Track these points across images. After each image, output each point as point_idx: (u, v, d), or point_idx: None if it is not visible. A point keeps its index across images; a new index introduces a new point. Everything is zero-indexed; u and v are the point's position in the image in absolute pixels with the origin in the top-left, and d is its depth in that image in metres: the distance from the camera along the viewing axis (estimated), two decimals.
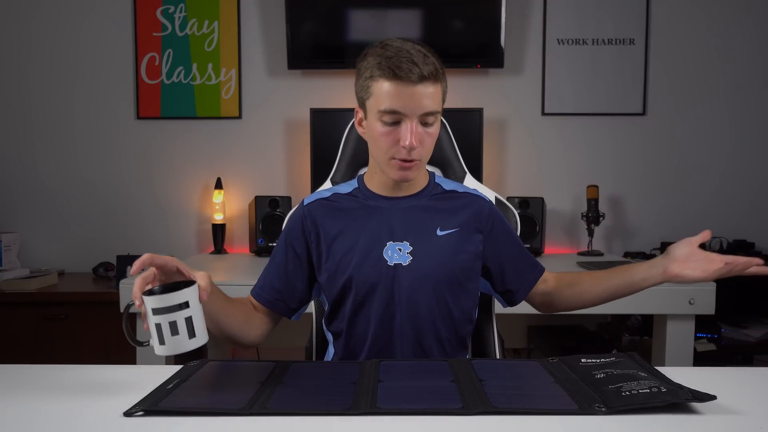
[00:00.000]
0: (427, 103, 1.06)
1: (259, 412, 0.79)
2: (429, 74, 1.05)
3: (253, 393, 0.86)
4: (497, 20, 2.66)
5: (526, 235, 2.50)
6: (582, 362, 0.97)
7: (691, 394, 0.81)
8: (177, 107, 2.79)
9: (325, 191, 1.24)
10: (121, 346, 2.26)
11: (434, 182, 1.22)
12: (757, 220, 2.83)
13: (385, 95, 1.06)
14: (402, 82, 1.04)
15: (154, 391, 0.87)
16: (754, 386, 0.95)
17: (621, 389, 0.83)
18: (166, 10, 2.76)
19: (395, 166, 1.10)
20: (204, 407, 0.81)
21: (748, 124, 2.83)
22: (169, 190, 2.82)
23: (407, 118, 1.06)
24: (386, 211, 1.17)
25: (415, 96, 1.05)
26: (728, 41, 2.80)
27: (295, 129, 2.80)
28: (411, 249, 1.14)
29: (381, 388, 0.88)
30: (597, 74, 2.80)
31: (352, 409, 0.80)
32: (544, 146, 2.83)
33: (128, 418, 0.79)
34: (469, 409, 0.79)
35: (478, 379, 0.91)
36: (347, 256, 1.14)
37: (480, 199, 1.22)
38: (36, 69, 2.78)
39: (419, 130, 1.07)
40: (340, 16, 2.69)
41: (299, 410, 0.80)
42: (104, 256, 2.72)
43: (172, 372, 0.98)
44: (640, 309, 1.97)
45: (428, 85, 1.06)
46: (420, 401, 0.83)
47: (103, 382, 0.95)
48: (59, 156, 2.81)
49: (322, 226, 1.17)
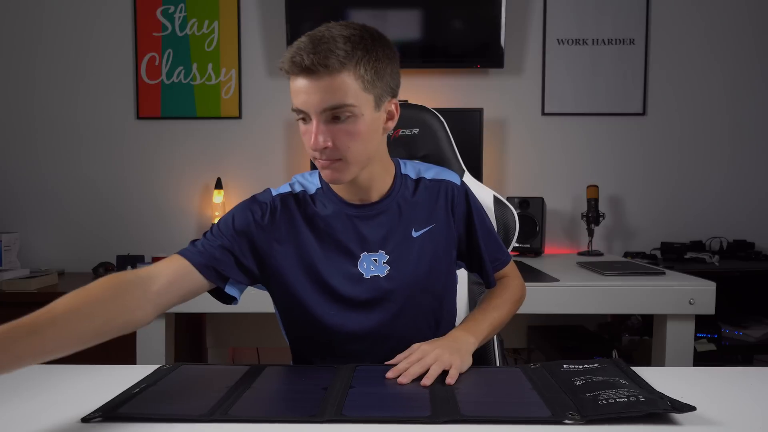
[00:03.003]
0: (325, 97, 0.92)
1: (219, 418, 0.77)
2: (314, 65, 0.91)
3: (218, 399, 0.83)
4: (497, 20, 2.66)
5: (526, 235, 2.50)
6: (564, 368, 0.94)
7: (671, 404, 0.78)
8: (177, 107, 2.78)
9: (295, 183, 1.14)
10: (121, 345, 2.25)
11: (400, 175, 1.11)
12: (757, 220, 2.83)
13: (293, 92, 0.96)
14: (295, 75, 0.94)
15: (118, 396, 0.85)
16: (753, 386, 0.95)
17: (598, 397, 0.80)
18: (166, 10, 2.76)
19: (320, 166, 1.00)
20: (164, 414, 0.79)
21: (748, 124, 2.83)
22: (169, 190, 2.82)
23: (311, 116, 0.95)
24: (356, 220, 1.07)
25: (308, 90, 0.93)
26: (728, 41, 2.80)
27: (295, 129, 2.76)
28: (387, 258, 1.06)
29: (351, 395, 0.85)
30: (597, 74, 2.80)
31: (316, 416, 0.77)
32: (544, 146, 2.83)
33: (85, 424, 0.77)
34: (438, 417, 0.77)
35: (453, 387, 0.89)
36: (319, 267, 1.05)
37: (449, 183, 1.13)
38: (36, 69, 2.78)
39: (324, 128, 0.95)
40: (340, 16, 2.69)
41: (261, 417, 0.78)
42: (104, 256, 2.71)
43: (145, 375, 0.96)
44: (640, 309, 1.97)
45: (323, 77, 0.92)
46: (388, 409, 0.81)
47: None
48: (59, 156, 2.80)
49: (284, 228, 1.07)
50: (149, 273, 0.96)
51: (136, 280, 0.93)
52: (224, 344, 2.66)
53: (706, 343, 2.41)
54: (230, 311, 1.91)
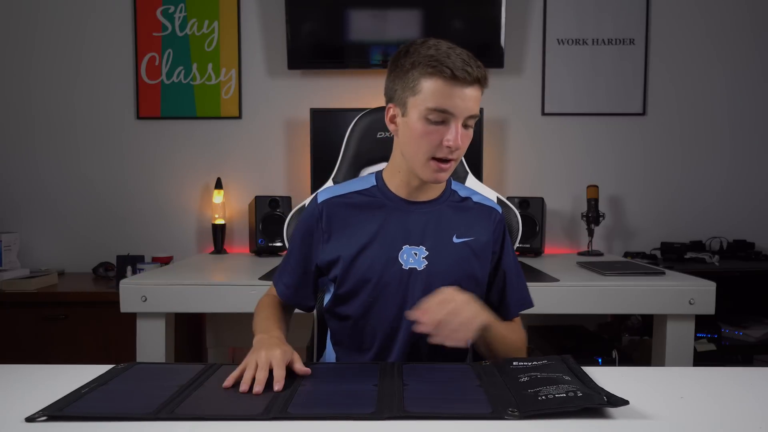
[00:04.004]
0: (473, 106, 1.07)
1: (165, 417, 0.78)
2: (481, 78, 1.06)
3: (167, 397, 0.84)
4: (497, 20, 2.66)
5: (526, 235, 2.50)
6: (513, 365, 0.97)
7: (606, 398, 0.81)
8: (177, 107, 2.78)
9: (338, 188, 1.21)
10: (121, 345, 2.26)
11: (451, 188, 1.22)
12: (757, 220, 2.83)
13: (437, 94, 1.05)
14: (457, 82, 1.04)
15: (67, 396, 0.85)
16: (753, 386, 0.95)
17: (539, 393, 0.83)
18: (166, 10, 2.76)
19: (432, 166, 1.09)
20: (110, 412, 0.79)
21: (748, 124, 2.83)
22: (169, 190, 2.82)
23: (454, 119, 1.06)
24: (404, 213, 1.16)
25: (466, 97, 1.05)
26: (728, 41, 2.80)
27: (295, 129, 2.80)
28: (427, 254, 1.13)
29: (299, 393, 0.87)
30: (597, 74, 2.80)
31: (262, 414, 0.79)
32: (544, 146, 2.83)
33: (30, 424, 0.76)
34: (381, 413, 0.79)
35: (402, 383, 0.91)
36: (362, 255, 1.13)
37: (494, 211, 1.22)
38: (36, 69, 2.78)
39: (462, 132, 1.07)
40: (340, 16, 2.69)
41: (207, 415, 0.79)
42: (104, 256, 2.71)
43: (99, 374, 0.96)
44: (640, 309, 1.97)
45: (477, 89, 1.07)
46: (333, 406, 0.83)
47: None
48: (59, 156, 2.80)
49: (336, 224, 1.16)
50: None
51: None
52: (224, 344, 2.66)
53: (706, 343, 2.41)
54: (230, 311, 1.92)
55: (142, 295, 1.86)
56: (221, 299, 1.90)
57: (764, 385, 0.95)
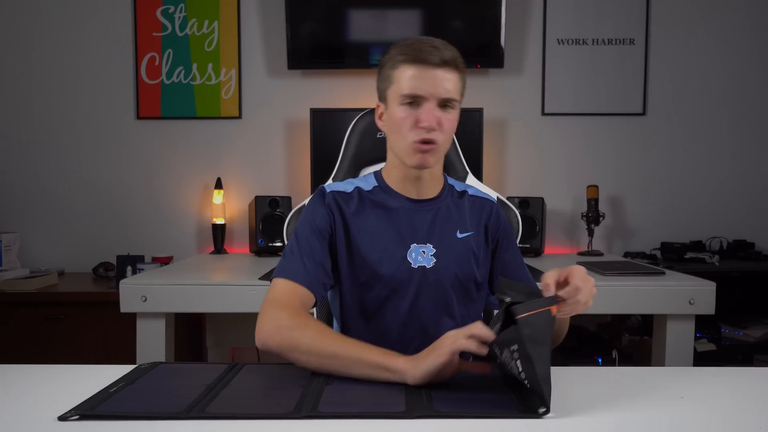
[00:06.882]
0: (447, 87, 1.09)
1: (197, 416, 0.78)
2: (450, 59, 1.08)
3: (196, 397, 0.84)
4: (497, 20, 2.66)
5: (526, 235, 2.50)
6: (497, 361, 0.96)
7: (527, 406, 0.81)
8: (177, 107, 2.78)
9: (344, 184, 1.20)
10: (121, 345, 2.26)
11: (449, 184, 1.24)
12: (756, 220, 2.83)
13: (407, 79, 1.08)
14: (423, 65, 1.07)
15: (96, 395, 0.86)
16: (754, 386, 0.95)
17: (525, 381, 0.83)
18: (166, 10, 2.76)
19: (416, 149, 1.10)
20: (142, 411, 0.80)
21: (748, 124, 2.83)
22: (169, 190, 2.82)
23: (427, 101, 1.08)
24: (409, 213, 1.17)
25: (436, 79, 1.08)
26: (728, 41, 2.80)
27: (295, 129, 2.80)
28: (434, 251, 1.15)
29: (327, 391, 0.87)
30: (597, 74, 2.80)
31: (293, 412, 0.79)
32: (544, 146, 2.83)
33: (63, 423, 0.77)
34: (411, 412, 0.79)
35: (429, 387, 0.90)
36: (372, 251, 1.13)
37: (489, 203, 1.24)
38: (36, 69, 2.78)
39: (438, 113, 1.09)
40: (340, 16, 2.69)
41: (238, 414, 0.79)
42: (104, 256, 2.71)
43: (123, 374, 0.96)
44: (640, 309, 1.97)
45: (448, 71, 1.09)
46: (363, 404, 0.83)
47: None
48: (59, 156, 2.80)
49: (346, 216, 1.16)
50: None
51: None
52: (224, 344, 2.66)
53: (706, 343, 2.41)
54: (230, 311, 1.92)
55: (142, 295, 1.86)
56: (221, 299, 1.90)
57: (764, 385, 0.95)
